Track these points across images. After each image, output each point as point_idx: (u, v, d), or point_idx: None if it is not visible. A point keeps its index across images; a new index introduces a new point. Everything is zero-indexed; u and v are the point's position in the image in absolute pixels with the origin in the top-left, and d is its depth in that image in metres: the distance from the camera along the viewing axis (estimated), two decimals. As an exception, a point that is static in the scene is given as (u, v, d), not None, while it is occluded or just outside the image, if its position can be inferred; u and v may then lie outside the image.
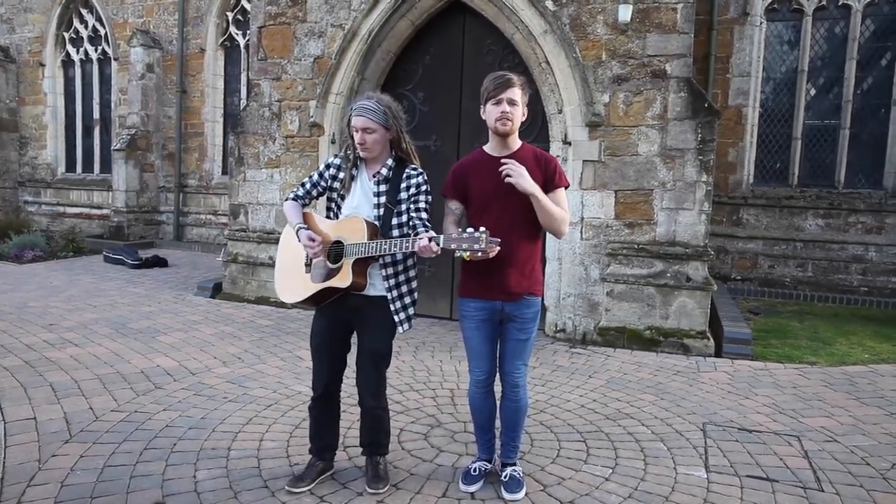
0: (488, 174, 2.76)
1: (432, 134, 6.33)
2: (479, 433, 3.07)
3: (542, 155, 2.86)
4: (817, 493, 3.02)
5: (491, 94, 2.73)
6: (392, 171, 2.87)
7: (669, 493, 3.00)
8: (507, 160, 2.71)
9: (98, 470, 3.06)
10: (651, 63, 5.47)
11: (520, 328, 2.83)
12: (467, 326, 2.89)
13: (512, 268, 2.75)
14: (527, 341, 2.87)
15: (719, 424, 3.84)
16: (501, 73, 2.77)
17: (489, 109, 2.75)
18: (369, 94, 2.91)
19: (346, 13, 6.40)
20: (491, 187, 2.76)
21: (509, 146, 2.83)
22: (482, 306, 2.82)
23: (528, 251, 2.81)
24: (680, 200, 5.48)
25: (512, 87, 2.70)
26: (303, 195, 3.01)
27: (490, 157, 2.84)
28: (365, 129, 2.78)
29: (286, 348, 5.24)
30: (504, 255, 2.61)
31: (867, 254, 7.76)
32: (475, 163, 2.88)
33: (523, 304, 2.81)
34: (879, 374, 4.89)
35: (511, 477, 2.95)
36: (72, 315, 6.05)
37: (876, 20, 7.83)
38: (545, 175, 2.78)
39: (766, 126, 8.26)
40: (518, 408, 2.95)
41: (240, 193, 7.14)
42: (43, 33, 12.07)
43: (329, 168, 2.97)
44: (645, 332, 5.51)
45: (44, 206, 12.49)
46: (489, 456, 3.08)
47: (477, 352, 2.90)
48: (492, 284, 2.77)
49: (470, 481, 2.97)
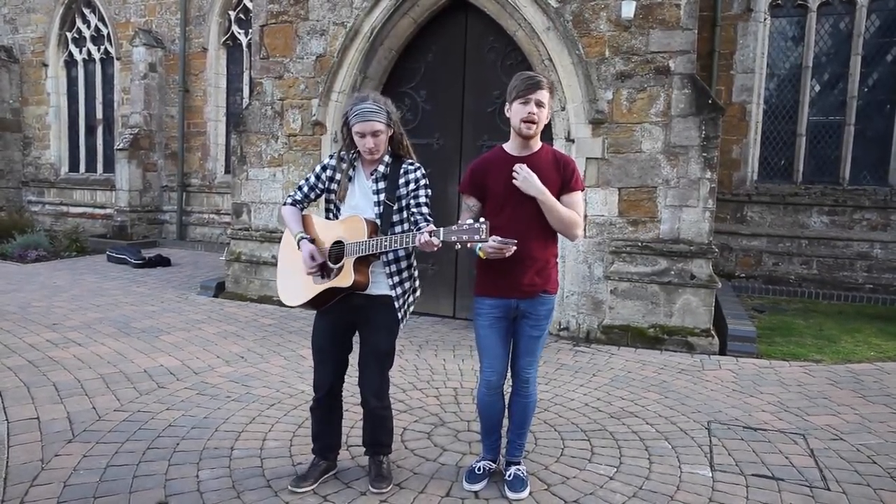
0: (507, 173, 2.75)
1: (435, 132, 6.31)
2: (485, 435, 3.07)
3: (561, 157, 2.87)
4: (823, 492, 3.00)
5: (520, 93, 2.69)
6: (389, 168, 2.85)
7: (674, 491, 2.98)
8: (519, 164, 2.71)
9: (101, 470, 3.05)
10: (654, 60, 5.44)
11: (533, 325, 2.85)
12: (481, 325, 2.88)
13: (527, 266, 2.76)
14: (539, 338, 2.89)
15: (724, 423, 3.82)
16: (532, 74, 2.76)
17: (515, 108, 2.72)
18: (362, 96, 2.83)
19: (348, 11, 6.39)
20: (508, 186, 2.75)
21: (530, 147, 2.81)
22: (497, 304, 2.83)
23: (543, 250, 2.81)
24: (684, 198, 5.45)
25: (542, 89, 2.69)
26: (301, 199, 2.98)
27: (510, 156, 2.82)
28: (374, 133, 2.74)
29: (289, 347, 5.23)
30: (519, 254, 2.62)
31: (872, 251, 7.71)
32: (494, 161, 2.86)
33: (538, 301, 2.83)
34: (885, 372, 4.86)
35: (515, 476, 2.95)
36: (75, 315, 6.05)
37: (881, 15, 7.77)
38: (563, 178, 2.79)
39: (771, 123, 8.21)
40: (527, 403, 2.97)
41: (242, 192, 7.13)
42: (46, 33, 12.08)
43: (325, 170, 2.94)
44: (649, 331, 5.49)
45: (47, 206, 12.51)
46: (494, 457, 3.07)
47: (490, 351, 2.88)
48: (507, 283, 2.78)
49: (474, 480, 2.96)
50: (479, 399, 3.01)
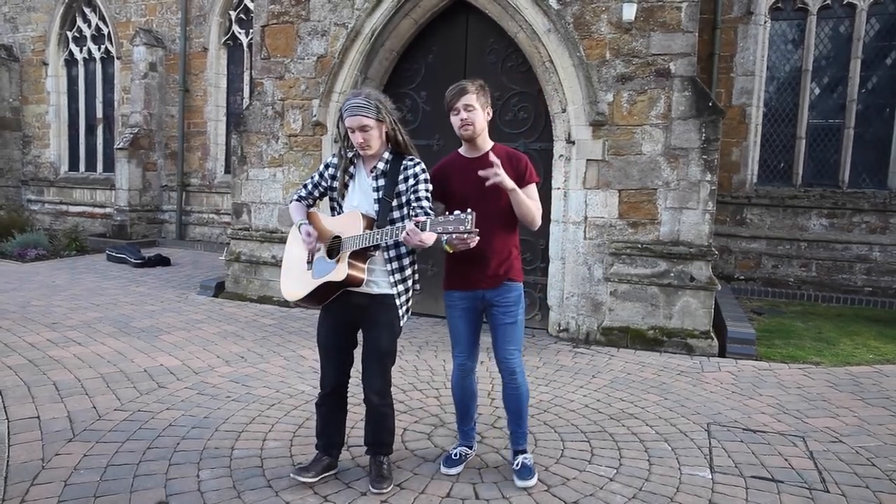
0: (466, 174, 2.97)
1: (435, 133, 6.32)
2: (461, 421, 3.25)
3: (513, 153, 3.08)
4: (823, 494, 3.00)
5: (449, 105, 2.95)
6: (389, 165, 2.87)
7: (674, 493, 2.99)
8: (490, 163, 2.86)
9: (101, 469, 3.06)
10: (655, 62, 5.45)
11: (504, 312, 3.02)
12: (452, 315, 3.11)
13: (491, 257, 2.96)
14: (514, 325, 3.03)
15: (724, 425, 3.82)
16: (456, 84, 2.97)
17: (452, 120, 2.98)
18: (356, 92, 2.88)
19: (349, 12, 6.40)
20: (469, 187, 2.94)
21: (480, 147, 3.03)
22: (465, 296, 3.04)
23: (505, 241, 3.02)
24: (684, 200, 5.46)
25: (466, 94, 2.91)
26: (305, 196, 3.06)
27: (465, 158, 3.06)
28: (362, 128, 2.77)
29: (289, 347, 5.23)
30: (483, 246, 2.78)
31: (871, 254, 7.73)
32: (453, 164, 3.08)
33: (503, 289, 3.01)
34: (884, 375, 4.87)
35: (522, 465, 3.07)
36: (75, 314, 6.05)
37: (881, 19, 7.80)
38: (517, 172, 2.98)
39: (770, 125, 8.23)
40: (519, 394, 3.09)
41: (242, 192, 7.14)
42: (46, 32, 12.07)
43: (328, 168, 3.00)
44: (648, 332, 5.50)
45: (46, 205, 12.50)
46: (469, 443, 3.26)
47: (460, 338, 3.12)
48: (473, 274, 2.99)
49: (451, 465, 3.12)
50: (453, 384, 3.21)
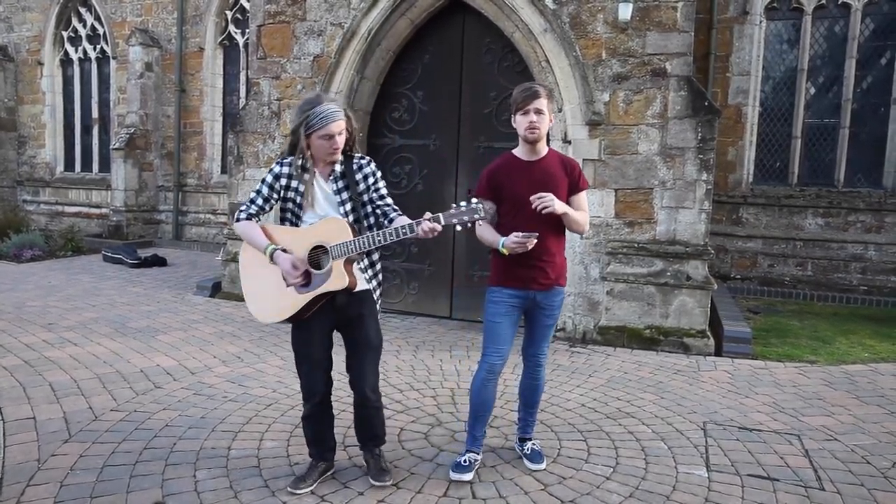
0: (520, 177, 3.00)
1: (431, 133, 6.32)
2: (476, 424, 3.14)
3: (567, 160, 3.15)
4: (818, 492, 3.02)
5: (519, 106, 2.94)
6: (344, 166, 2.87)
7: (671, 492, 2.99)
8: (540, 195, 2.85)
9: (98, 469, 3.05)
10: (651, 62, 5.46)
11: (548, 315, 3.10)
12: (497, 312, 3.04)
13: (545, 261, 3.00)
14: (552, 326, 3.18)
15: (720, 423, 3.83)
16: (529, 86, 2.99)
17: (519, 119, 2.97)
18: (314, 100, 2.74)
19: (345, 12, 6.39)
20: (523, 190, 2.95)
21: (538, 151, 3.04)
22: (517, 294, 3.02)
23: (556, 246, 3.07)
24: (680, 199, 5.48)
25: (539, 98, 2.92)
26: (255, 212, 2.88)
27: (521, 161, 3.06)
28: (341, 133, 2.75)
29: (286, 347, 5.21)
30: (538, 249, 2.89)
31: (867, 253, 7.76)
32: (509, 166, 3.07)
33: (553, 293, 3.07)
34: (879, 373, 4.89)
35: (533, 450, 3.24)
36: (71, 314, 6.04)
37: (875, 19, 7.83)
38: (570, 178, 3.05)
39: (766, 125, 8.26)
40: (538, 385, 3.24)
41: (239, 192, 7.12)
42: (41, 32, 12.03)
43: (279, 178, 2.85)
44: (645, 331, 5.51)
45: (42, 205, 12.46)
46: (479, 449, 3.18)
47: (500, 337, 3.03)
48: (528, 276, 3.00)
49: (462, 471, 3.04)
50: (476, 384, 3.09)
